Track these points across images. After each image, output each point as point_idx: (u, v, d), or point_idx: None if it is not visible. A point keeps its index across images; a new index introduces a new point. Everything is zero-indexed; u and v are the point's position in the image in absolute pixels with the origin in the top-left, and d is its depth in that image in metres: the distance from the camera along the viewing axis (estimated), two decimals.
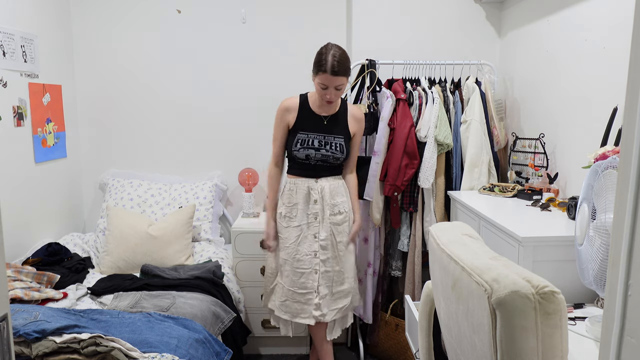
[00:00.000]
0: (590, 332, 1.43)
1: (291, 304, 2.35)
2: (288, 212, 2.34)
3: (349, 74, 2.22)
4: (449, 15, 2.99)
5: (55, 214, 2.98)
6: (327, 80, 2.16)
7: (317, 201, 2.31)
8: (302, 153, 2.30)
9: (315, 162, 2.32)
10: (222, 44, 3.20)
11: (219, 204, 3.19)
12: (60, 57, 3.02)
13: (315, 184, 2.33)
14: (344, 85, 2.21)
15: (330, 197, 2.33)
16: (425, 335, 1.49)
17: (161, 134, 3.27)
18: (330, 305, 2.36)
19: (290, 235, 2.33)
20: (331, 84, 2.17)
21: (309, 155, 2.30)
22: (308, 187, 2.32)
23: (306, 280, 2.32)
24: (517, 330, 0.90)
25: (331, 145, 2.31)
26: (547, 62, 2.45)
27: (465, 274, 1.03)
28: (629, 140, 0.63)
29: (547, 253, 1.68)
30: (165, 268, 2.58)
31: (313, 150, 2.29)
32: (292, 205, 2.34)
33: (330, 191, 2.33)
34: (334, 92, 2.20)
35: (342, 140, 2.33)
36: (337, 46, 2.22)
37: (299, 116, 2.32)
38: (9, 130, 2.51)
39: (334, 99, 2.23)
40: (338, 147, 2.31)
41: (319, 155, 2.30)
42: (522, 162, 2.56)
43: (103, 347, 1.65)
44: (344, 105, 2.38)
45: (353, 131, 2.37)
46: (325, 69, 2.14)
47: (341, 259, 2.36)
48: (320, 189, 2.32)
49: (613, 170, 1.29)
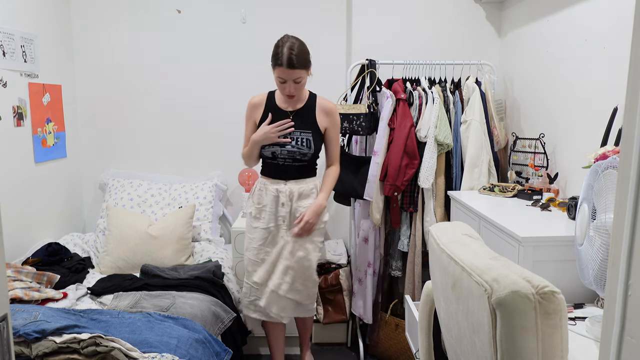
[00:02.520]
0: (590, 332, 1.43)
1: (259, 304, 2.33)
2: (257, 213, 2.31)
3: (307, 66, 2.16)
4: (449, 15, 2.99)
5: (55, 214, 2.98)
6: (285, 73, 2.11)
7: (285, 204, 2.27)
8: (267, 151, 2.25)
9: (283, 162, 2.27)
10: (222, 44, 3.20)
11: (219, 204, 3.19)
12: (60, 57, 3.02)
13: (284, 187, 2.27)
14: (303, 79, 2.16)
15: (297, 199, 2.28)
16: (425, 335, 1.49)
17: (161, 134, 3.27)
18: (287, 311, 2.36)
19: (258, 236, 2.30)
20: (289, 77, 2.12)
21: (275, 153, 2.25)
22: (277, 189, 2.27)
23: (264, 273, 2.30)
24: (517, 330, 0.90)
25: (297, 140, 2.24)
26: (547, 62, 2.45)
27: (465, 274, 1.03)
28: (629, 140, 0.63)
29: (547, 253, 1.68)
30: (165, 268, 2.57)
31: (278, 146, 2.24)
32: (261, 207, 2.30)
33: (299, 194, 2.28)
34: (293, 85, 2.14)
35: (310, 135, 2.25)
36: (294, 37, 2.15)
37: (265, 112, 2.28)
38: (9, 130, 2.51)
39: (294, 92, 2.17)
40: (305, 142, 2.24)
41: (284, 152, 2.24)
42: (522, 162, 2.56)
43: (103, 347, 1.65)
44: (312, 99, 2.31)
45: (323, 125, 2.29)
46: (282, 62, 2.09)
47: (306, 270, 2.32)
48: (289, 192, 2.27)
49: (613, 170, 1.29)
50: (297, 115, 2.28)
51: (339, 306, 2.91)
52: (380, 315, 2.82)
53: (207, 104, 3.25)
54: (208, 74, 3.22)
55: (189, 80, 3.23)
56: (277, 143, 2.23)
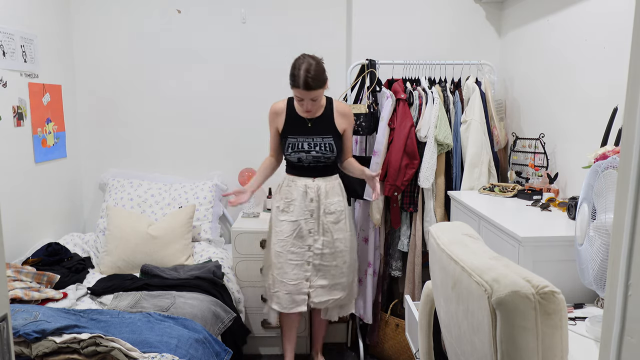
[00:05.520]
0: (590, 332, 1.43)
1: (282, 296, 2.43)
2: (286, 206, 2.41)
3: (323, 85, 2.27)
4: (449, 15, 2.99)
5: (55, 214, 2.98)
6: (302, 94, 2.24)
7: (313, 200, 2.38)
8: (294, 157, 2.38)
9: (308, 164, 2.39)
10: (222, 44, 3.20)
11: (219, 204, 3.19)
12: (60, 57, 3.02)
13: (312, 183, 2.41)
14: (319, 96, 2.28)
15: (325, 196, 2.40)
16: (425, 335, 1.49)
17: (161, 134, 3.27)
18: (323, 296, 2.45)
19: (286, 229, 2.40)
20: (306, 97, 2.25)
21: (301, 159, 2.38)
22: (305, 185, 2.40)
23: (299, 272, 2.41)
24: (517, 330, 0.90)
25: (320, 146, 2.37)
26: (547, 62, 2.45)
27: (465, 274, 1.03)
28: (629, 140, 0.63)
29: (547, 253, 1.68)
30: (165, 268, 2.57)
31: (304, 153, 2.37)
32: (290, 201, 2.40)
33: (326, 191, 2.41)
34: (310, 103, 2.28)
35: (331, 140, 2.38)
36: (310, 57, 2.25)
37: (287, 120, 2.40)
38: (9, 130, 2.51)
39: (311, 109, 2.31)
40: (327, 147, 2.37)
41: (309, 157, 2.38)
42: (522, 162, 2.56)
43: (103, 347, 1.65)
44: (329, 104, 2.42)
45: (342, 128, 2.42)
46: (299, 85, 2.21)
47: (338, 254, 2.44)
48: (317, 188, 2.40)
49: (613, 170, 1.29)
50: (316, 122, 2.40)
51: None
52: (380, 315, 2.82)
53: (207, 104, 3.25)
54: (208, 74, 3.22)
55: (189, 80, 3.22)
56: (303, 149, 2.36)
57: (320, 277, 2.43)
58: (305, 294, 2.43)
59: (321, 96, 2.31)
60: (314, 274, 2.43)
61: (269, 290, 2.48)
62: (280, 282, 2.42)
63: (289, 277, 2.41)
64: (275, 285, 2.44)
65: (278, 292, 2.43)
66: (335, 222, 2.43)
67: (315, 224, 2.40)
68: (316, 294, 2.44)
